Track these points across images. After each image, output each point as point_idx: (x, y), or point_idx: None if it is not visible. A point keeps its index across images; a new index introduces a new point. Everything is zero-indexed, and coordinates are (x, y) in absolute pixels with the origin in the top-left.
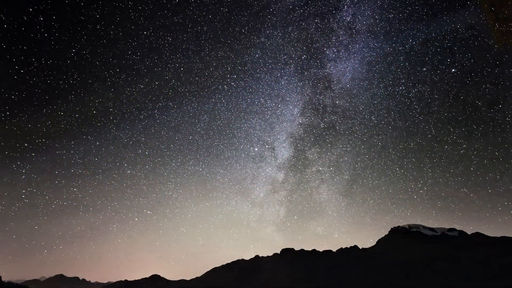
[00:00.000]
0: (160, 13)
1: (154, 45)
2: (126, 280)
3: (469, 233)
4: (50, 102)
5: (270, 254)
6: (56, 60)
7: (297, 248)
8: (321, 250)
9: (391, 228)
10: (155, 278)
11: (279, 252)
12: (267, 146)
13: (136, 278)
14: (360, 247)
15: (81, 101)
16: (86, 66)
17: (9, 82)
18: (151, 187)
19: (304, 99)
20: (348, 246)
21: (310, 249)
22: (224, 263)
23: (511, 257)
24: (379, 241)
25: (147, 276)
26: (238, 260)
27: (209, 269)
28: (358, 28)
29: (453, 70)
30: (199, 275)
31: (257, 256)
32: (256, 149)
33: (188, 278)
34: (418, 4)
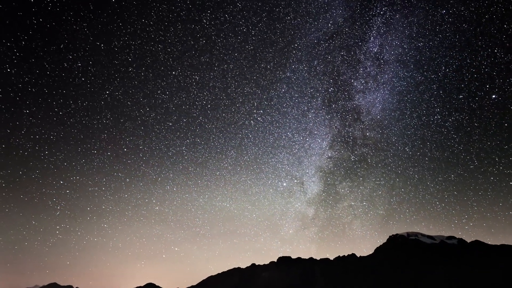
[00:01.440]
0: (188, 54)
1: (182, 84)
2: None
3: (468, 241)
4: (84, 141)
5: (267, 262)
6: (91, 102)
7: (294, 256)
8: (318, 258)
9: (389, 236)
10: (150, 287)
11: (275, 260)
12: (295, 181)
13: (131, 287)
14: (358, 255)
15: (113, 140)
16: (118, 106)
17: (49, 124)
18: (178, 224)
19: (332, 132)
20: (346, 255)
21: (307, 257)
22: (220, 272)
23: (511, 265)
24: (377, 250)
25: (142, 284)
26: (235, 268)
27: (204, 278)
28: (386, 58)
29: (493, 96)
30: (194, 283)
31: (253, 264)
32: (284, 184)
33: (183, 287)
34: (449, 31)
